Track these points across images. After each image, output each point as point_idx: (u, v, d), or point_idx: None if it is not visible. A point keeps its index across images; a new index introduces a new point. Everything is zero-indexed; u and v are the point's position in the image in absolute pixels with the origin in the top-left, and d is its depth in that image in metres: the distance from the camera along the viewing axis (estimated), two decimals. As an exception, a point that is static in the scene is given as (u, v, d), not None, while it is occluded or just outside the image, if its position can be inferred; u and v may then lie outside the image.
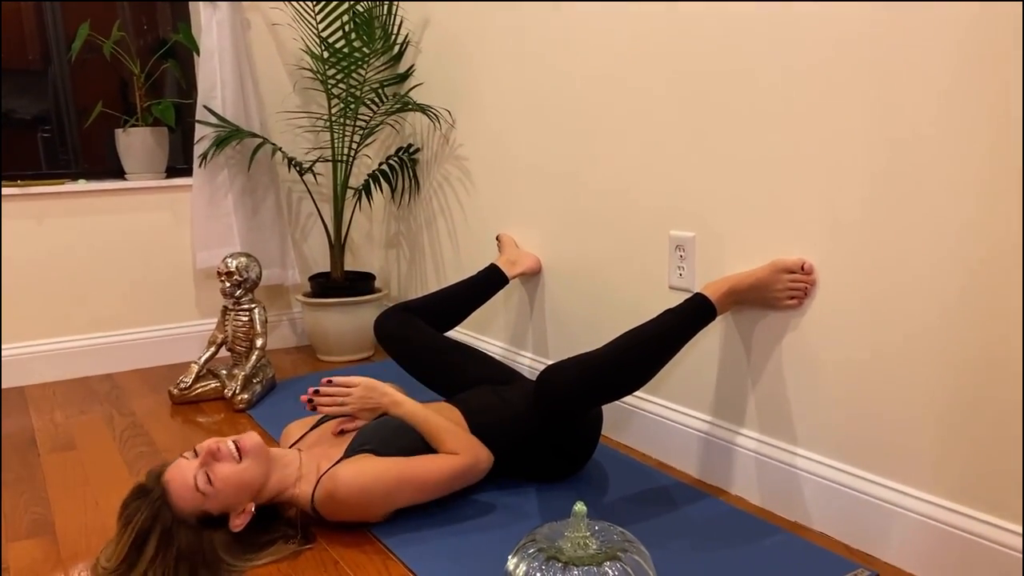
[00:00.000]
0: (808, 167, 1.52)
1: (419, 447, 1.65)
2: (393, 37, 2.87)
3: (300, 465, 1.61)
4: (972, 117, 1.25)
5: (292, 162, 2.86)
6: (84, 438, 2.20)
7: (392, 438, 1.65)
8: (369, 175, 2.86)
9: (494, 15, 2.38)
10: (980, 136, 1.25)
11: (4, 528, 1.68)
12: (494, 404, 1.81)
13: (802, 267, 1.54)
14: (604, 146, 2.02)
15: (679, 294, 1.85)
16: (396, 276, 3.20)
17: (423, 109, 2.69)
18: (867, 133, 1.41)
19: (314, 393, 1.72)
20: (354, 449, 1.63)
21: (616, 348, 1.61)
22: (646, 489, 1.78)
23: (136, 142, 2.83)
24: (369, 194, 2.89)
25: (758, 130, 1.61)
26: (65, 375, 2.79)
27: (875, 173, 1.40)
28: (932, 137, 1.31)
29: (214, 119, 2.78)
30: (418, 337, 2.06)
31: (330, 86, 2.78)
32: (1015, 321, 1.24)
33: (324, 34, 2.81)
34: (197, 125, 2.80)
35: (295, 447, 1.74)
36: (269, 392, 2.55)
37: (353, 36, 2.72)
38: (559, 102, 2.16)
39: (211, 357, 2.51)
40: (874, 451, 1.48)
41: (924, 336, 1.37)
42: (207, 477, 1.44)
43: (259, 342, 2.48)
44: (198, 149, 2.81)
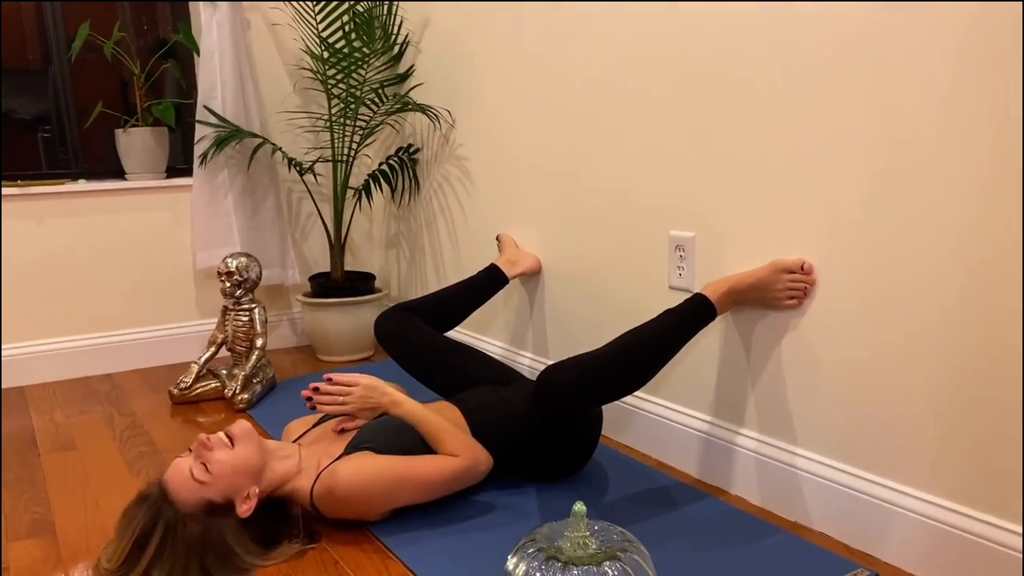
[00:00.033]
0: (808, 167, 1.52)
1: (419, 447, 1.66)
2: (393, 37, 2.87)
3: (300, 459, 1.62)
4: (972, 117, 1.25)
5: (292, 162, 2.87)
6: (84, 438, 2.20)
7: (392, 437, 1.65)
8: (369, 175, 2.86)
9: (494, 15, 2.38)
10: (980, 136, 1.25)
11: (4, 528, 1.68)
12: (494, 404, 1.81)
13: (802, 267, 1.54)
14: (604, 146, 2.02)
15: (679, 294, 1.85)
16: (396, 276, 3.20)
17: (423, 109, 2.69)
18: (867, 133, 1.41)
19: (314, 391, 1.72)
20: (354, 447, 1.63)
21: (616, 348, 1.61)
22: (646, 489, 1.78)
23: (136, 142, 2.84)
24: (369, 194, 2.89)
25: (758, 130, 1.61)
26: (65, 375, 2.79)
27: (875, 173, 1.40)
28: (932, 137, 1.31)
29: (214, 119, 2.78)
30: (418, 337, 2.06)
31: (330, 86, 2.78)
32: (1015, 321, 1.24)
33: (324, 34, 2.81)
34: (197, 125, 2.80)
35: (295, 443, 1.74)
36: (269, 392, 2.55)
37: (353, 36, 2.72)
38: (559, 102, 2.16)
39: (211, 357, 2.51)
40: (874, 451, 1.48)
41: (924, 336, 1.37)
42: (203, 466, 1.45)
43: (259, 342, 2.48)
44: (198, 149, 2.81)
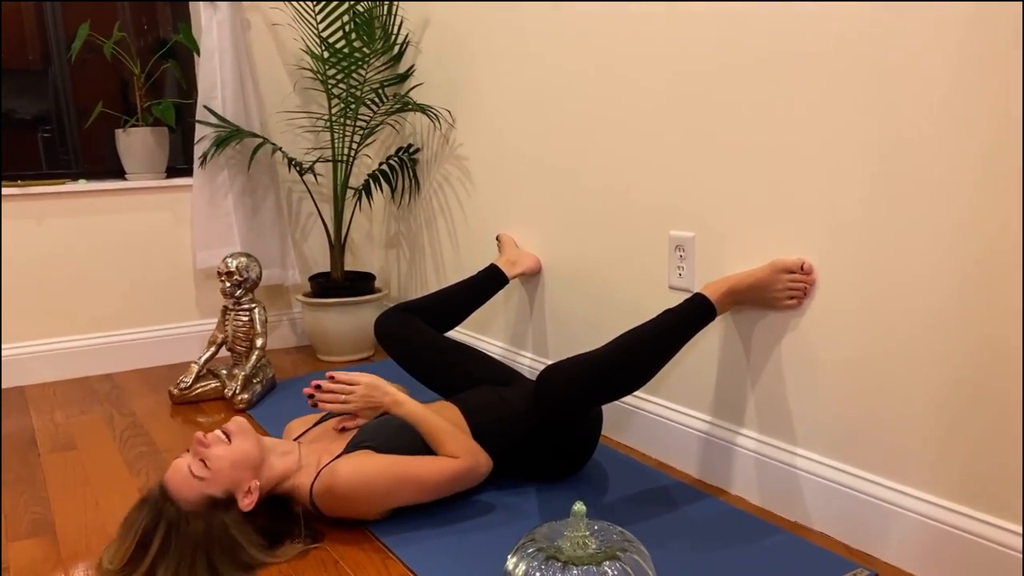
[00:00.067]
0: (808, 167, 1.52)
1: (419, 447, 1.66)
2: (393, 37, 2.87)
3: (300, 457, 1.62)
4: (971, 117, 1.25)
5: (292, 162, 2.87)
6: (84, 438, 2.20)
7: (393, 437, 1.65)
8: (369, 175, 2.86)
9: (494, 15, 2.38)
10: (979, 136, 1.25)
11: (4, 528, 1.68)
12: (494, 403, 1.81)
13: (801, 267, 1.54)
14: (604, 146, 2.02)
15: (679, 294, 1.85)
16: (396, 276, 3.20)
17: (423, 109, 2.69)
18: (867, 133, 1.41)
19: (316, 388, 1.72)
20: (355, 445, 1.63)
21: (616, 348, 1.61)
22: (646, 489, 1.78)
23: (136, 142, 2.84)
24: (369, 194, 2.89)
25: (758, 130, 1.61)
26: (65, 375, 2.79)
27: (874, 173, 1.40)
28: (932, 137, 1.31)
29: (214, 119, 2.78)
30: (418, 337, 2.06)
31: (330, 86, 2.78)
32: (1014, 321, 1.24)
33: (324, 34, 2.81)
34: (197, 125, 2.80)
35: (296, 441, 1.74)
36: (269, 392, 2.55)
37: (353, 36, 2.72)
38: (559, 102, 2.16)
39: (211, 357, 2.51)
40: (874, 451, 1.48)
41: (923, 336, 1.37)
42: (201, 463, 1.46)
43: (259, 342, 2.48)
44: (198, 149, 2.81)
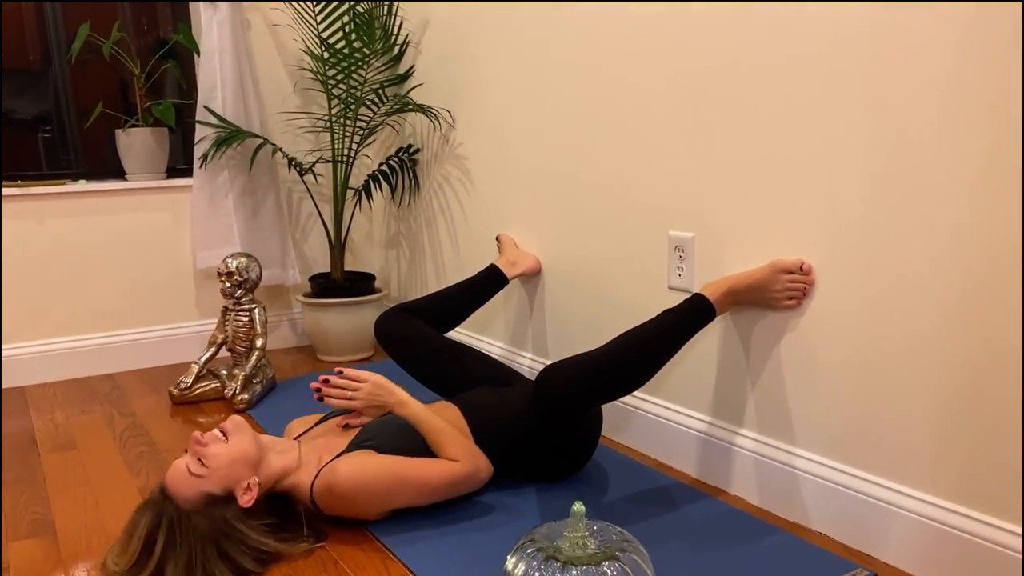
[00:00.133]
0: (808, 167, 1.53)
1: (420, 448, 1.66)
2: (393, 38, 2.87)
3: (300, 455, 1.62)
4: (972, 117, 1.25)
5: (292, 162, 2.87)
6: (84, 438, 2.21)
7: (394, 437, 1.65)
8: (369, 175, 2.87)
9: (494, 15, 2.38)
10: (979, 135, 1.25)
11: (4, 528, 1.69)
12: (494, 404, 1.81)
13: (801, 267, 1.55)
14: (604, 146, 2.02)
15: (678, 294, 1.85)
16: (396, 276, 3.21)
17: (423, 109, 2.69)
18: (867, 133, 1.41)
19: (324, 383, 1.72)
20: (357, 444, 1.63)
21: (615, 348, 1.61)
22: (645, 489, 1.78)
23: (136, 142, 2.84)
24: (369, 194, 2.89)
25: (758, 130, 1.61)
26: (65, 375, 2.79)
27: (874, 173, 1.41)
28: (931, 137, 1.31)
29: (214, 119, 2.78)
30: (418, 337, 2.06)
31: (330, 87, 2.79)
32: (1014, 321, 1.24)
33: (324, 35, 2.82)
34: (197, 125, 2.80)
35: (296, 440, 1.74)
36: (269, 392, 2.55)
37: (353, 37, 2.72)
38: (559, 102, 2.16)
39: (211, 357, 2.51)
40: (873, 451, 1.48)
41: (923, 336, 1.37)
42: (199, 461, 1.47)
43: (259, 342, 2.48)
44: (199, 150, 2.81)
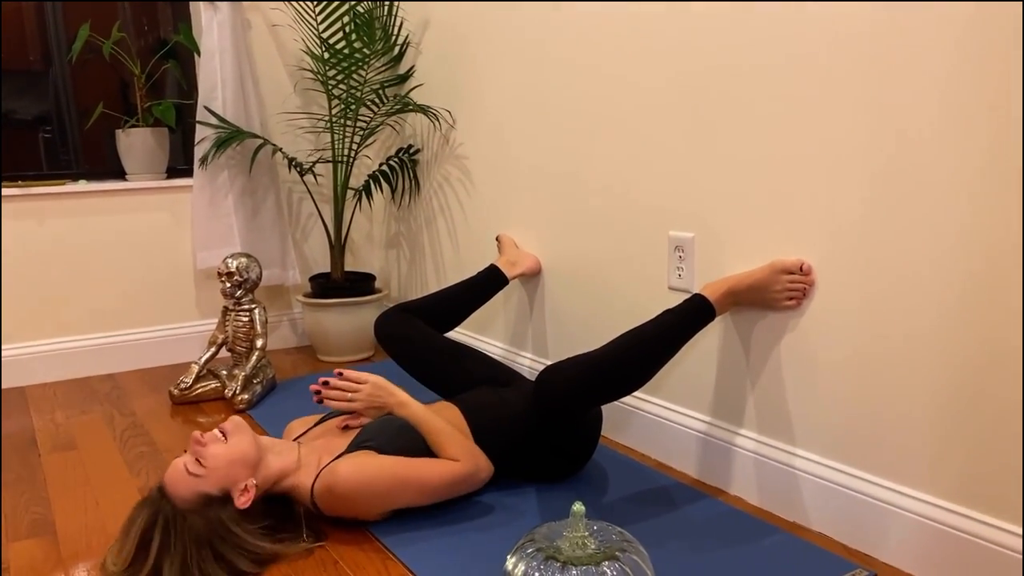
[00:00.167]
0: (807, 168, 1.53)
1: (420, 449, 1.66)
2: (393, 38, 2.87)
3: (299, 456, 1.62)
4: (972, 117, 1.25)
5: (292, 163, 2.87)
6: (85, 438, 2.21)
7: (394, 437, 1.65)
8: (369, 176, 2.87)
9: (494, 15, 2.38)
10: (979, 136, 1.25)
11: (4, 528, 1.69)
12: (493, 404, 1.81)
13: (801, 268, 1.55)
14: (604, 146, 2.02)
15: (678, 295, 1.85)
16: (396, 276, 3.21)
17: (423, 110, 2.69)
18: (866, 134, 1.41)
19: (324, 384, 1.72)
20: (357, 445, 1.63)
21: (615, 348, 1.61)
22: (645, 489, 1.78)
23: (137, 143, 2.84)
24: (369, 195, 2.89)
25: (758, 130, 1.61)
26: (66, 375, 2.79)
27: (874, 173, 1.41)
28: (932, 137, 1.31)
29: (215, 120, 2.79)
30: (418, 337, 2.06)
31: (331, 87, 2.79)
32: (1014, 321, 1.24)
33: (324, 35, 2.82)
34: (198, 126, 2.80)
35: (295, 441, 1.74)
36: (269, 392, 2.55)
37: (353, 37, 2.72)
38: (558, 102, 2.16)
39: (211, 357, 2.51)
40: (873, 451, 1.48)
41: (923, 336, 1.37)
42: (197, 461, 1.47)
43: (259, 342, 2.48)
44: (199, 150, 2.81)
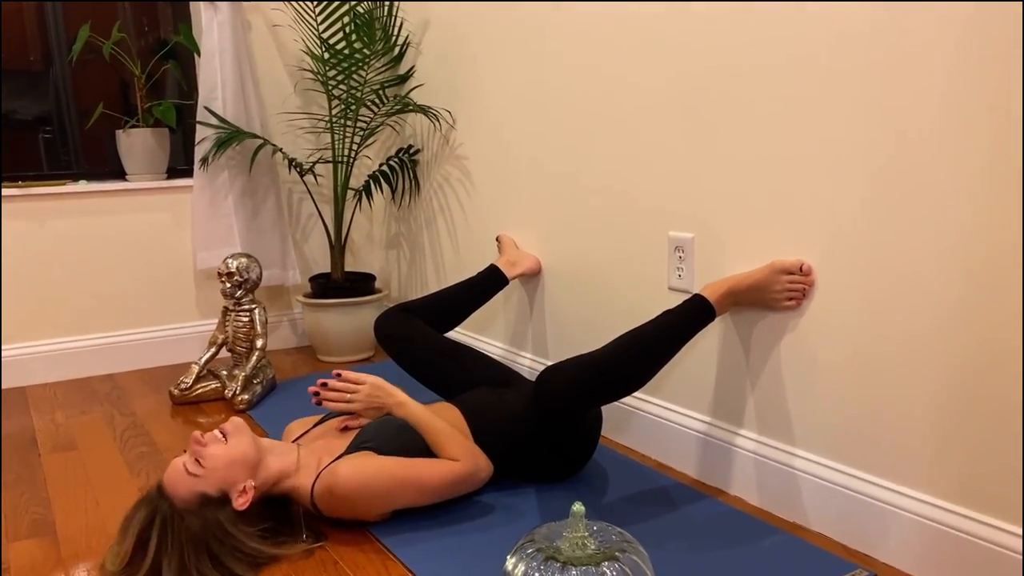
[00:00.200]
0: (807, 168, 1.53)
1: (420, 449, 1.66)
2: (393, 38, 2.87)
3: (298, 458, 1.62)
4: (972, 116, 1.25)
5: (293, 163, 2.87)
6: (85, 438, 2.21)
7: (393, 438, 1.65)
8: (369, 176, 2.87)
9: (494, 15, 2.38)
10: (979, 136, 1.25)
11: (4, 528, 1.69)
12: (493, 404, 1.81)
13: (800, 268, 1.55)
14: (604, 146, 2.02)
15: (678, 295, 1.85)
16: (396, 277, 3.21)
17: (423, 110, 2.70)
18: (866, 133, 1.41)
19: (322, 386, 1.72)
20: (356, 446, 1.63)
21: (615, 349, 1.61)
22: (645, 490, 1.78)
23: (137, 143, 2.84)
24: (369, 195, 2.89)
25: (758, 130, 1.61)
26: (66, 375, 2.79)
27: (874, 174, 1.41)
28: (932, 137, 1.31)
29: (215, 120, 2.79)
30: (418, 337, 2.06)
31: (331, 87, 2.79)
32: (1014, 322, 1.24)
33: (325, 35, 2.82)
34: (198, 126, 2.80)
35: (295, 442, 1.74)
36: (269, 393, 2.55)
37: (354, 37, 2.72)
38: (558, 103, 2.16)
39: (211, 358, 2.51)
40: (872, 451, 1.49)
41: (922, 337, 1.37)
42: (196, 461, 1.47)
43: (259, 343, 2.48)
44: (199, 150, 2.82)
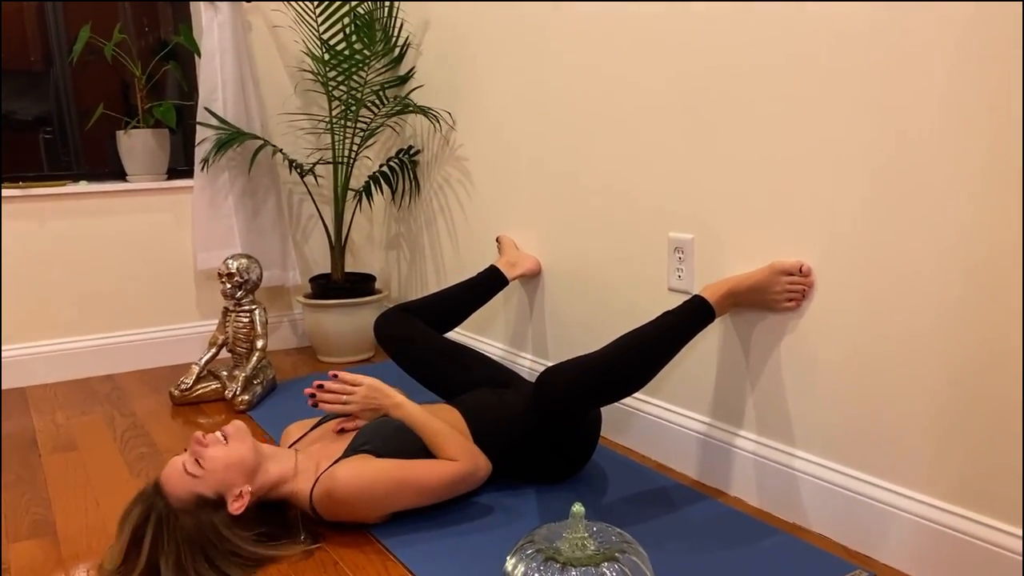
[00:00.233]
0: (807, 168, 1.53)
1: (418, 450, 1.66)
2: (394, 39, 2.87)
3: (297, 462, 1.62)
4: (972, 116, 1.26)
5: (293, 164, 2.87)
6: (85, 439, 2.21)
7: (391, 439, 1.65)
8: (370, 177, 2.87)
9: (494, 15, 2.38)
10: (979, 136, 1.25)
11: (5, 528, 1.69)
12: (493, 405, 1.81)
13: (800, 269, 1.55)
14: (604, 147, 2.02)
15: (678, 296, 1.85)
16: (396, 277, 3.21)
17: (423, 111, 2.70)
18: (866, 133, 1.41)
19: (318, 388, 1.72)
20: (354, 448, 1.63)
21: (615, 350, 1.61)
22: (645, 490, 1.78)
23: (137, 144, 2.84)
24: (369, 196, 2.89)
25: (758, 130, 1.61)
26: (66, 376, 2.79)
27: (874, 174, 1.41)
28: (932, 137, 1.31)
29: (215, 121, 2.79)
30: (418, 338, 2.06)
31: (331, 88, 2.79)
32: (1014, 322, 1.24)
33: (325, 36, 2.82)
34: (198, 127, 2.80)
35: (292, 447, 1.74)
36: (269, 393, 2.55)
37: (354, 38, 2.73)
38: (558, 104, 2.16)
39: (212, 358, 2.51)
40: (872, 452, 1.49)
41: (922, 337, 1.37)
42: (196, 461, 1.47)
43: (260, 343, 2.48)
44: (199, 151, 2.82)
